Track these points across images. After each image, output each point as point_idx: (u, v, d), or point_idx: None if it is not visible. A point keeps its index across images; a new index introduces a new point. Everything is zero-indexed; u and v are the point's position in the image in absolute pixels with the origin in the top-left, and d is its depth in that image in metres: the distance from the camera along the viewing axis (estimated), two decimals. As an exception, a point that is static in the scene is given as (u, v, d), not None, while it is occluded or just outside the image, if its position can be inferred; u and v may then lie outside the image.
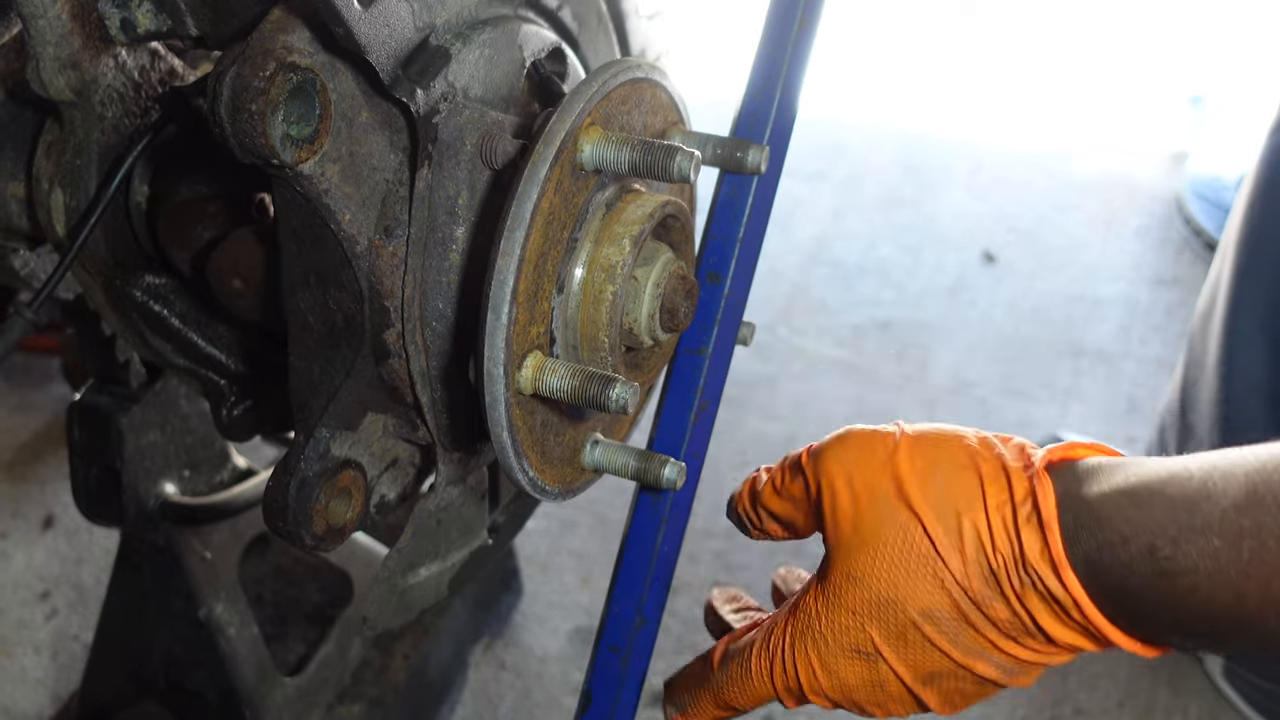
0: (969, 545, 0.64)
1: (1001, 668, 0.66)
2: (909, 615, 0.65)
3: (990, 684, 0.68)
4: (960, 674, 0.67)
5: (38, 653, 1.54)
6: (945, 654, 0.66)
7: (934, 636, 0.66)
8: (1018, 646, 0.65)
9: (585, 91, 0.65)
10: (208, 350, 0.88)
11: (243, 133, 0.62)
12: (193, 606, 1.16)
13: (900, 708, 0.71)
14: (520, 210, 0.63)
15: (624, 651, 0.79)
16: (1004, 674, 0.67)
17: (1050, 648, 0.65)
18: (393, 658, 1.40)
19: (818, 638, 0.69)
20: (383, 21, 0.64)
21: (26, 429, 1.90)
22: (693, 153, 0.65)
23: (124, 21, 0.74)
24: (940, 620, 0.65)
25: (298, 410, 0.75)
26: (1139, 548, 0.58)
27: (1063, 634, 0.63)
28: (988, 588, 0.63)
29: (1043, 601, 0.62)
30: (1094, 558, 0.60)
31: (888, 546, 0.66)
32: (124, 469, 1.10)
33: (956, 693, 0.69)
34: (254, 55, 0.62)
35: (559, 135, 0.64)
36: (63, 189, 0.82)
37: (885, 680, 0.68)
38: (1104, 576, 0.60)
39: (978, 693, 0.69)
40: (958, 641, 0.65)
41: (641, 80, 0.71)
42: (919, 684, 0.68)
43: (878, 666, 0.68)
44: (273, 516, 0.73)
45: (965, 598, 0.64)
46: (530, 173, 0.63)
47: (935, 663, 0.67)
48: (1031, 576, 0.62)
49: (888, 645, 0.67)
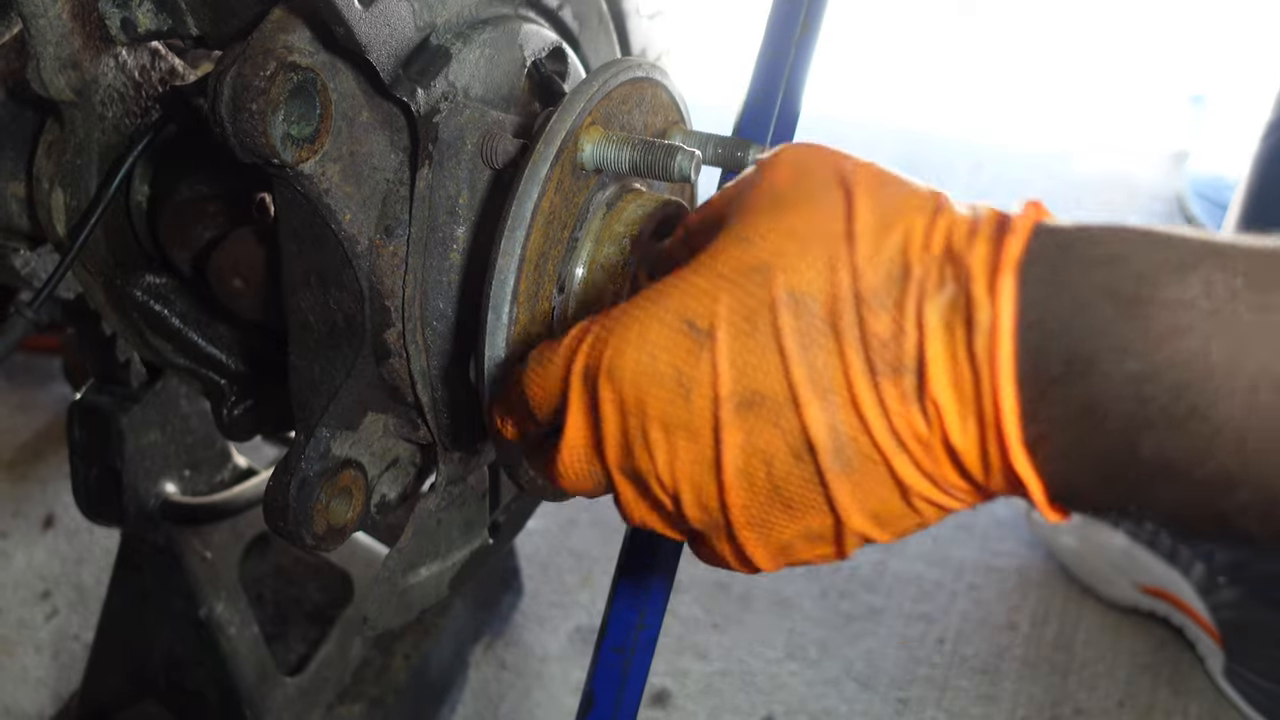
0: (892, 239, 0.48)
1: (838, 436, 0.47)
2: (773, 291, 0.48)
3: (814, 473, 0.49)
4: (787, 419, 0.48)
5: (38, 652, 1.54)
6: (784, 364, 0.48)
7: (785, 329, 0.48)
8: (873, 395, 0.47)
9: (586, 91, 0.65)
10: (208, 350, 0.88)
11: (243, 132, 0.62)
12: (193, 606, 1.16)
13: (690, 447, 0.50)
14: (520, 210, 0.63)
15: (626, 652, 0.79)
16: (835, 453, 0.48)
17: (911, 432, 0.47)
18: (393, 657, 1.40)
19: (654, 299, 0.51)
20: (383, 21, 0.64)
21: (27, 428, 1.90)
22: (693, 152, 0.65)
23: (124, 21, 0.74)
24: (804, 310, 0.48)
25: (298, 410, 0.75)
26: (1120, 271, 0.43)
27: (943, 388, 0.45)
28: (884, 289, 0.47)
29: (944, 324, 0.45)
30: (1044, 272, 0.44)
31: (798, 214, 0.50)
32: (124, 469, 1.10)
33: (768, 460, 0.49)
34: (254, 55, 0.62)
35: (559, 134, 0.64)
36: (63, 189, 0.82)
37: (696, 382, 0.49)
38: (1044, 300, 0.44)
39: (794, 478, 0.49)
40: (806, 352, 0.47)
41: (642, 80, 0.71)
42: (733, 405, 0.49)
43: (699, 356, 0.49)
44: (273, 516, 0.73)
45: (850, 293, 0.47)
46: (531, 172, 0.63)
47: (766, 374, 0.48)
48: (952, 279, 0.45)
49: (727, 325, 0.49)
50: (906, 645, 1.51)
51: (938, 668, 1.48)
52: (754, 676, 1.47)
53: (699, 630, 1.53)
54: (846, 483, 0.48)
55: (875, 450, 0.47)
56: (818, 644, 1.51)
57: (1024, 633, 1.53)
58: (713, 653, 1.51)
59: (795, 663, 1.49)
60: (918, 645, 1.51)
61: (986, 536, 1.66)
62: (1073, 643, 1.51)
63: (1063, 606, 1.56)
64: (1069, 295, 0.44)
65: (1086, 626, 1.53)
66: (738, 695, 1.45)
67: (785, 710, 1.43)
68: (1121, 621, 1.53)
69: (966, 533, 1.67)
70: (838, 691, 1.45)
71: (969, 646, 1.51)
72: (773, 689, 1.46)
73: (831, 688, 1.45)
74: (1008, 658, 1.49)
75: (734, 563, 0.55)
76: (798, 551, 0.52)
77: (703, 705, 1.44)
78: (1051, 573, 1.60)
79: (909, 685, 1.46)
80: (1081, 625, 1.53)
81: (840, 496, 0.48)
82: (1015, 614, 1.55)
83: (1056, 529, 1.58)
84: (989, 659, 1.49)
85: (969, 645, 1.51)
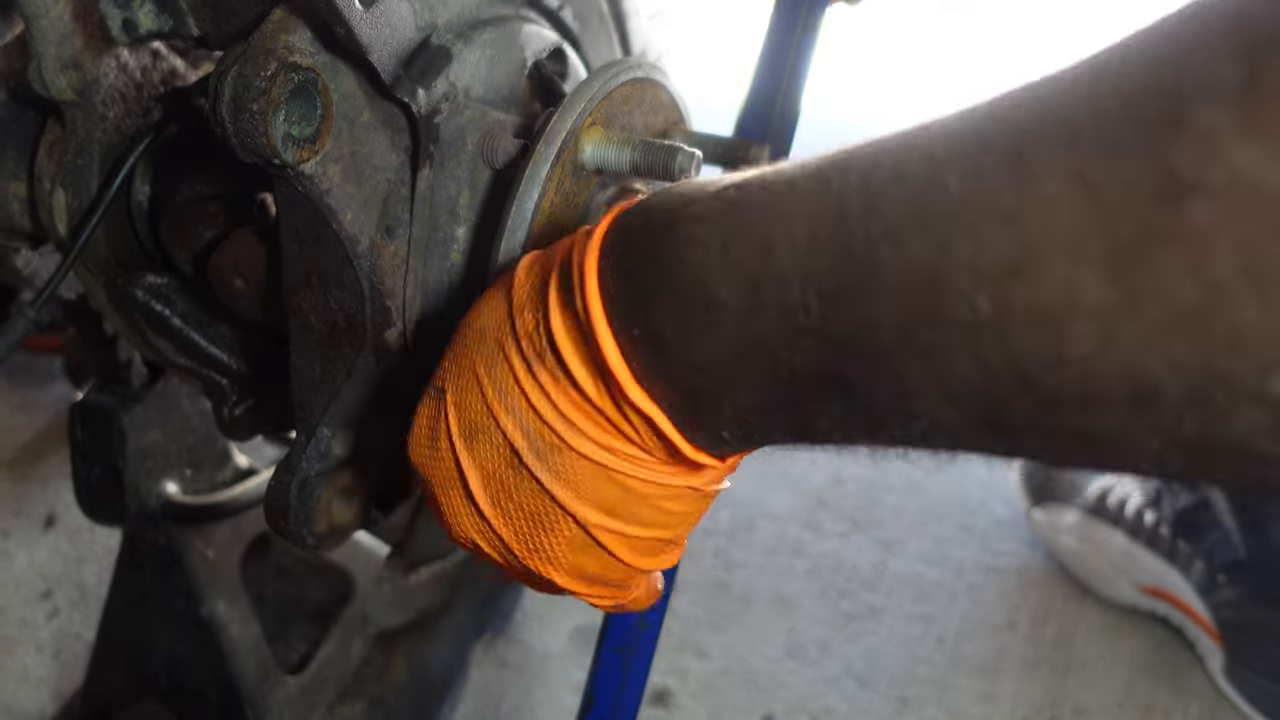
0: (540, 261, 0.54)
1: (525, 432, 0.52)
2: (468, 335, 0.55)
3: (526, 481, 0.52)
4: (492, 432, 0.53)
5: (40, 651, 1.54)
6: (480, 387, 0.53)
7: (476, 361, 0.54)
8: (529, 376, 0.51)
9: (586, 91, 0.66)
10: (209, 350, 0.88)
11: (244, 132, 0.62)
12: (194, 605, 1.16)
13: (451, 498, 0.56)
14: (520, 210, 0.63)
15: (627, 652, 0.80)
16: (531, 447, 0.51)
17: (560, 388, 0.51)
18: (394, 656, 1.40)
19: (429, 383, 0.58)
20: (384, 21, 0.64)
21: (29, 428, 1.90)
22: (693, 153, 0.65)
23: (126, 22, 0.75)
24: (485, 340, 0.54)
25: (299, 409, 0.76)
26: (656, 214, 0.48)
27: (570, 354, 0.50)
28: (530, 298, 0.53)
29: (560, 302, 0.51)
30: (619, 238, 0.49)
31: (496, 281, 0.57)
32: (126, 468, 1.10)
33: (498, 478, 0.54)
34: (255, 55, 0.62)
35: (560, 135, 0.64)
36: (65, 189, 0.82)
37: (440, 429, 0.56)
38: (621, 257, 0.49)
39: (516, 496, 0.53)
40: (493, 368, 0.53)
41: (643, 80, 0.71)
42: (461, 439, 0.54)
43: (438, 412, 0.56)
44: (274, 516, 0.74)
45: (507, 311, 0.53)
46: (531, 172, 0.63)
47: (472, 404, 0.54)
48: (565, 269, 0.51)
49: (450, 377, 0.55)
50: (906, 644, 1.51)
51: (938, 667, 1.48)
52: (754, 675, 1.47)
53: (699, 629, 1.54)
54: (554, 479, 0.51)
55: (556, 436, 0.51)
56: (818, 643, 1.51)
57: (1024, 632, 1.53)
58: (713, 652, 1.51)
59: (795, 661, 1.49)
60: (918, 644, 1.51)
61: (986, 536, 1.66)
62: (1072, 642, 1.51)
63: (1062, 606, 1.56)
64: (629, 244, 0.49)
65: (1086, 626, 1.53)
66: (738, 694, 1.45)
67: (785, 709, 1.43)
68: (1121, 621, 1.53)
69: (966, 533, 1.67)
70: (838, 690, 1.45)
71: (969, 646, 1.51)
72: (773, 688, 1.46)
73: (831, 686, 1.46)
74: (1007, 657, 1.49)
75: (549, 589, 0.57)
76: (590, 566, 0.55)
77: (703, 704, 1.44)
78: (1051, 572, 1.60)
79: (909, 684, 1.46)
80: (1081, 625, 1.54)
81: (558, 493, 0.52)
82: (1015, 614, 1.55)
83: (1056, 529, 1.58)
84: (989, 658, 1.49)
85: (969, 644, 1.51)
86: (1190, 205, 0.33)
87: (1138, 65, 0.37)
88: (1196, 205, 0.32)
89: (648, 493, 0.52)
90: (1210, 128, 0.32)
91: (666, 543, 0.55)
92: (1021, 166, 0.37)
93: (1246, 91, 0.32)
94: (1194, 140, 0.33)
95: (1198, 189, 0.33)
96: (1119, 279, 0.34)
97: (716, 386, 0.46)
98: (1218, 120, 0.32)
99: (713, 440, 0.49)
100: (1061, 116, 0.37)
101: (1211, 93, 0.33)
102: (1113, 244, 0.34)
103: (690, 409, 0.48)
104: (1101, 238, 0.34)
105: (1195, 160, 0.33)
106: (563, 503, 0.52)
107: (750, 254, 0.43)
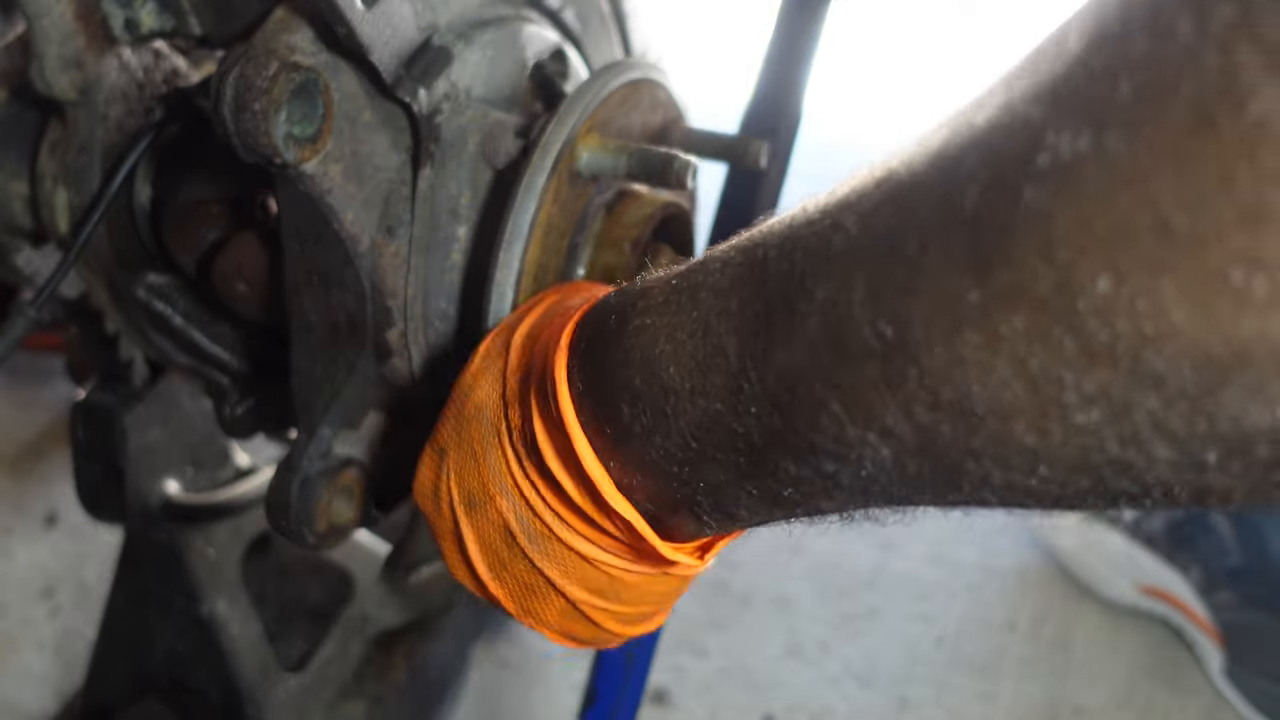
0: (529, 343, 0.57)
1: (517, 517, 0.55)
2: (467, 405, 0.57)
3: (519, 559, 0.55)
4: (490, 509, 0.56)
5: (41, 650, 1.54)
6: (478, 465, 0.56)
7: (475, 438, 0.56)
8: (520, 470, 0.54)
9: (581, 98, 0.66)
10: (210, 349, 0.88)
11: (246, 132, 0.62)
12: (195, 604, 1.16)
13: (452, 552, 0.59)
14: (518, 223, 0.63)
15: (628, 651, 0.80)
16: (522, 533, 0.55)
17: (544, 489, 0.53)
18: (394, 656, 1.40)
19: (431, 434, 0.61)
20: (385, 21, 0.64)
21: (30, 427, 1.90)
22: (689, 160, 0.65)
23: (128, 21, 0.75)
24: (483, 419, 0.56)
25: (300, 409, 0.76)
26: (614, 311, 0.50)
27: (549, 450, 0.52)
28: (521, 385, 0.55)
29: (537, 405, 0.53)
30: (585, 338, 0.51)
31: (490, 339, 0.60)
32: (127, 467, 1.10)
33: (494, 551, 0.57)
34: (257, 55, 0.62)
35: (555, 145, 0.64)
36: (66, 187, 0.82)
37: (442, 490, 0.59)
38: (586, 355, 0.51)
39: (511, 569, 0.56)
40: (488, 453, 0.56)
41: (639, 81, 0.71)
42: (462, 506, 0.57)
43: (440, 471, 0.59)
44: (275, 515, 0.74)
45: (501, 399, 0.56)
46: (527, 184, 0.63)
47: (471, 477, 0.56)
48: (542, 367, 0.53)
49: (451, 441, 0.58)
50: (906, 644, 1.51)
51: (937, 667, 1.48)
52: (754, 675, 1.47)
53: (699, 629, 1.54)
54: (545, 560, 0.54)
55: (545, 528, 0.54)
56: (817, 642, 1.51)
57: (1023, 632, 1.53)
58: (712, 651, 1.51)
59: (795, 661, 1.49)
60: (917, 644, 1.51)
61: (986, 536, 1.66)
62: (1071, 642, 1.52)
63: (1062, 606, 1.56)
64: (591, 345, 0.51)
65: (1085, 626, 1.53)
66: (737, 693, 1.45)
67: (785, 708, 1.43)
68: (1120, 621, 1.53)
69: (966, 533, 1.67)
70: (837, 690, 1.45)
71: (968, 645, 1.51)
72: (772, 687, 1.46)
73: (831, 686, 1.46)
74: (1007, 657, 1.50)
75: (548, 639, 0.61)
76: (579, 632, 0.58)
77: (702, 703, 1.44)
78: (1050, 573, 1.60)
79: (908, 684, 1.46)
80: (1080, 625, 1.54)
81: (548, 572, 0.54)
82: (1014, 613, 1.55)
83: (1056, 529, 1.58)
84: (988, 658, 1.49)
85: (968, 644, 1.51)
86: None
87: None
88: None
89: (632, 581, 0.55)
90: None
91: (652, 614, 0.59)
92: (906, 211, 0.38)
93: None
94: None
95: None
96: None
97: (686, 470, 0.48)
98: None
99: (694, 524, 0.51)
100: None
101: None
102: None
103: (669, 494, 0.50)
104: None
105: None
106: (553, 581, 0.55)
107: (692, 334, 0.45)
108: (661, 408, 0.47)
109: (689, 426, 0.46)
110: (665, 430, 0.47)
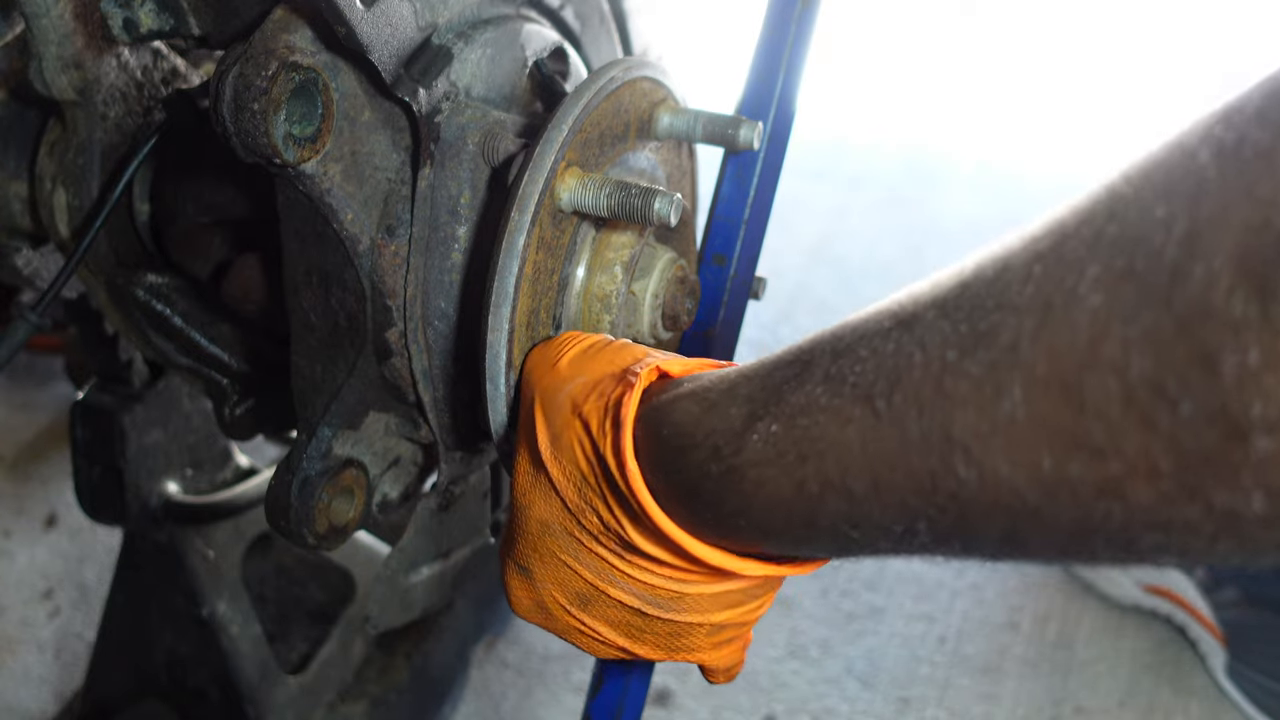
0: (565, 453, 0.59)
1: (640, 596, 0.60)
2: (530, 523, 0.62)
3: (656, 621, 0.61)
4: (606, 600, 0.62)
5: (41, 651, 1.54)
6: (574, 571, 0.61)
7: (556, 550, 0.61)
8: (624, 563, 0.59)
9: (556, 137, 0.64)
10: (210, 349, 0.88)
11: (245, 132, 0.62)
12: (195, 605, 1.16)
13: (584, 640, 0.66)
14: (503, 285, 0.63)
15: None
16: (650, 605, 0.60)
17: (658, 568, 0.59)
18: (395, 656, 1.40)
19: (505, 553, 0.67)
20: (385, 21, 0.64)
21: (29, 428, 1.90)
22: (673, 196, 0.63)
23: (127, 21, 0.75)
24: (555, 532, 0.61)
25: (300, 409, 0.76)
26: (706, 450, 0.52)
27: (648, 545, 0.57)
28: (581, 496, 0.59)
29: (620, 504, 0.57)
30: (668, 463, 0.54)
31: (520, 458, 0.63)
32: (127, 468, 1.10)
33: (626, 625, 0.63)
34: (256, 55, 0.62)
35: (532, 197, 0.63)
36: (65, 188, 0.82)
37: (546, 601, 0.64)
38: (680, 484, 0.54)
39: (650, 630, 0.62)
40: (579, 557, 0.61)
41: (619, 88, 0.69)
42: (575, 607, 0.63)
43: (534, 584, 0.64)
44: (275, 515, 0.74)
45: (564, 507, 0.60)
46: (508, 246, 0.63)
47: (574, 581, 0.62)
48: (608, 477, 0.56)
49: (532, 557, 0.63)
50: (908, 644, 1.51)
51: (939, 666, 1.48)
52: (755, 675, 1.47)
53: (700, 629, 1.53)
54: (681, 614, 0.61)
55: (671, 593, 0.60)
56: (819, 643, 1.51)
57: (1025, 632, 1.53)
58: (714, 652, 1.51)
59: (796, 661, 1.49)
60: (919, 644, 1.51)
61: (988, 535, 1.66)
62: (1074, 641, 1.51)
63: (1064, 605, 1.56)
64: (670, 463, 0.55)
65: (1088, 625, 1.53)
66: (739, 694, 1.45)
67: (786, 709, 1.43)
68: (1123, 620, 1.53)
69: (968, 532, 1.66)
70: (839, 690, 1.45)
71: (970, 645, 1.51)
72: (774, 688, 1.46)
73: (833, 686, 1.45)
74: (1009, 656, 1.49)
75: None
76: (723, 634, 0.64)
77: (704, 704, 1.44)
78: (1053, 572, 1.60)
79: (910, 684, 1.46)
80: (1083, 624, 1.53)
81: (688, 619, 0.61)
82: (1017, 613, 1.55)
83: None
84: (990, 658, 1.49)
85: (970, 644, 1.51)
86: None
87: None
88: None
89: (749, 585, 0.61)
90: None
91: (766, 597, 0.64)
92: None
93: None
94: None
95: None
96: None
97: (771, 544, 0.54)
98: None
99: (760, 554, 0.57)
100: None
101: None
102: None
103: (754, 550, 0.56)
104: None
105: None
106: (694, 622, 0.61)
107: (813, 474, 0.48)
108: (797, 543, 0.52)
109: (826, 534, 0.50)
110: (794, 544, 0.53)
